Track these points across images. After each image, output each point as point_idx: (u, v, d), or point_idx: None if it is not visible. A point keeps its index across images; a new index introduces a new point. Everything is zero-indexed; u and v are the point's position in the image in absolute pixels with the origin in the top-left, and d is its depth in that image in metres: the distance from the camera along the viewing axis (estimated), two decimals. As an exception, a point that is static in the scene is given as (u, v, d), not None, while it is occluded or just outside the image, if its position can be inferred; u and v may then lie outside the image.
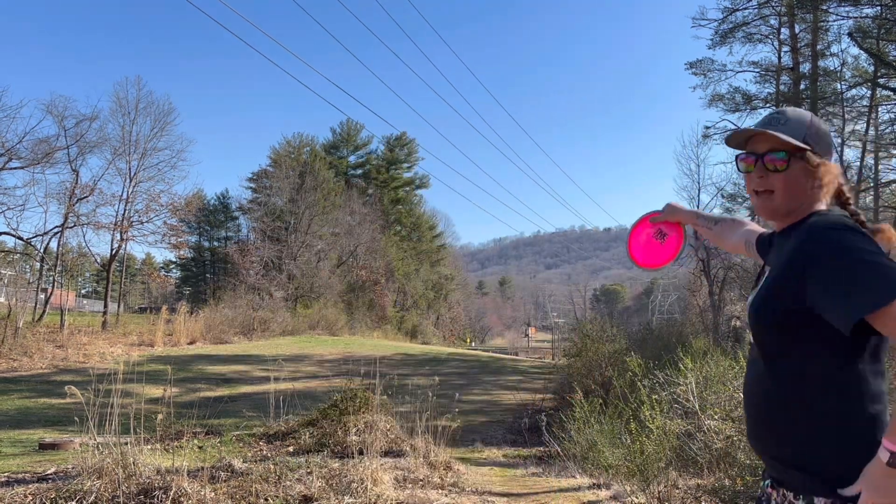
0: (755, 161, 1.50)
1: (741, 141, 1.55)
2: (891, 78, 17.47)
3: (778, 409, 1.40)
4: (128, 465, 4.36)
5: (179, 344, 19.64)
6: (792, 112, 1.52)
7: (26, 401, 10.42)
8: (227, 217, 53.59)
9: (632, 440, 5.61)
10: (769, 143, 1.48)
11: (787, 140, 1.45)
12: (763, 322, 1.43)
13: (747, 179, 1.54)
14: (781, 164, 1.46)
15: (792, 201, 1.48)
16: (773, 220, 1.55)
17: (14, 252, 25.08)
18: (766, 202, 1.50)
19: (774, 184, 1.47)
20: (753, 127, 1.52)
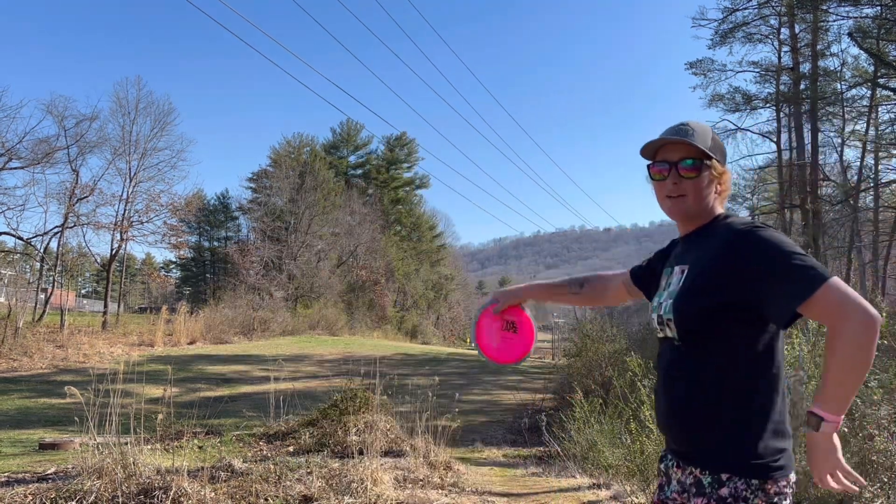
0: (669, 169, 1.61)
1: (652, 151, 1.67)
2: (891, 78, 17.47)
3: (701, 392, 1.51)
4: (128, 465, 4.36)
5: (179, 344, 19.64)
6: (696, 125, 1.64)
7: (26, 401, 10.41)
8: (227, 217, 53.61)
9: (632, 440, 5.61)
10: (682, 152, 1.60)
11: (700, 148, 1.58)
12: (689, 314, 1.53)
13: (659, 187, 1.66)
14: (694, 171, 1.60)
15: (701, 204, 1.62)
16: (683, 222, 1.68)
17: (14, 252, 25.08)
18: (679, 206, 1.63)
19: (687, 189, 1.61)
20: (664, 137, 1.63)
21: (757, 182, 23.50)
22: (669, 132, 1.63)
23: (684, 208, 1.62)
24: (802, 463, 4.18)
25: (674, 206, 1.64)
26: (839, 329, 1.33)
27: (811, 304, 1.36)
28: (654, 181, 1.67)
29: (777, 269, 1.40)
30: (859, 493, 4.08)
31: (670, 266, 1.71)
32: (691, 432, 1.53)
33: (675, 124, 1.66)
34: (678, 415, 1.56)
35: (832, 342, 1.35)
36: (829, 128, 20.27)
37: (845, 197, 17.83)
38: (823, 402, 1.38)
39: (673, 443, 1.61)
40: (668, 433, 1.62)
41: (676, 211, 1.64)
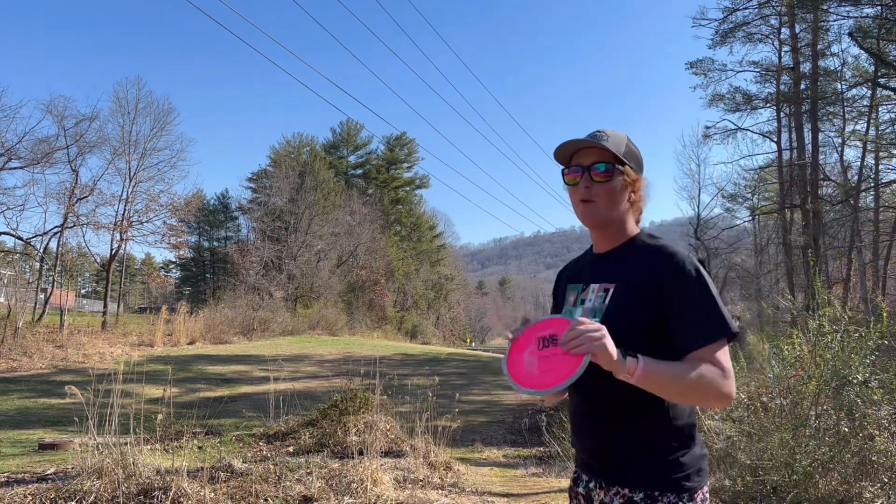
0: (581, 173, 1.60)
1: (567, 156, 1.64)
2: (891, 78, 17.45)
3: (632, 412, 1.50)
4: (127, 465, 4.36)
5: (179, 344, 19.63)
6: (612, 132, 1.63)
7: (26, 401, 10.41)
8: (227, 217, 53.62)
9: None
10: (595, 156, 1.59)
11: (613, 152, 1.57)
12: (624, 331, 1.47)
13: (573, 192, 1.63)
14: (606, 175, 1.58)
15: (612, 210, 1.60)
16: (596, 229, 1.65)
17: (14, 252, 25.07)
18: (590, 210, 1.60)
19: (599, 193, 1.59)
20: (578, 143, 1.61)
21: (757, 182, 23.50)
22: (586, 137, 1.62)
23: (596, 214, 1.60)
24: (803, 463, 4.17)
25: (586, 210, 1.61)
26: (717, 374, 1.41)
27: (709, 349, 1.44)
28: (568, 186, 1.65)
29: (700, 305, 1.46)
30: (860, 493, 4.07)
31: (581, 283, 1.66)
32: (622, 453, 1.51)
33: (593, 131, 1.65)
34: (608, 436, 1.53)
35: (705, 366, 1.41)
36: (830, 128, 20.28)
37: (846, 197, 17.82)
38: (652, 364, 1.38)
39: (597, 464, 1.56)
40: (594, 455, 1.57)
41: (589, 216, 1.61)
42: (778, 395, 4.91)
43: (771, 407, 4.89)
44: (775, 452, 4.28)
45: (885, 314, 4.68)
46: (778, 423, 4.59)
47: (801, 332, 4.91)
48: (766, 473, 4.24)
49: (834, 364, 4.42)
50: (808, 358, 4.66)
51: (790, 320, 6.38)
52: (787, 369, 4.86)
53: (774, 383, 4.99)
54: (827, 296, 5.16)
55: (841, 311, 4.80)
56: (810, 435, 4.26)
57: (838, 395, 4.29)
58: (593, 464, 1.57)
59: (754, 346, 5.71)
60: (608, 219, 1.61)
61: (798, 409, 4.69)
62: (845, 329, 4.60)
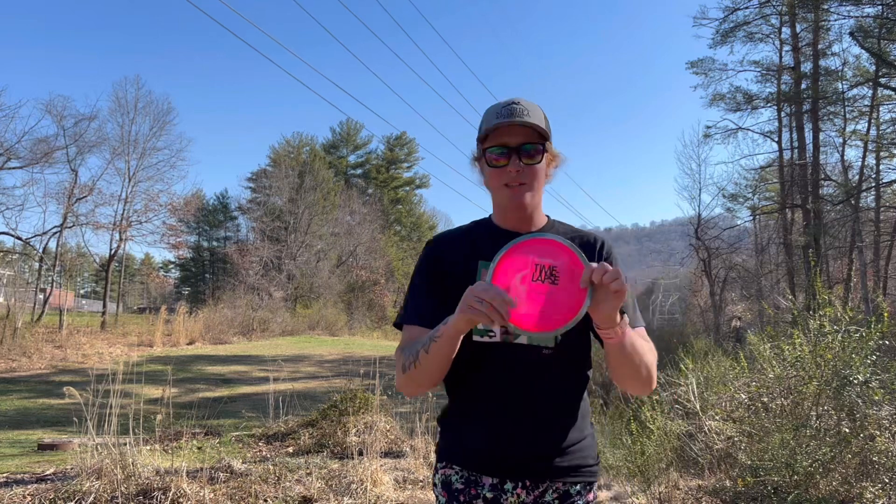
0: (509, 155, 1.45)
1: (484, 134, 1.48)
2: (892, 77, 17.45)
3: (568, 404, 1.49)
4: (127, 465, 4.35)
5: (178, 344, 19.62)
6: (528, 103, 1.49)
7: (25, 401, 10.40)
8: (227, 217, 53.57)
9: (632, 441, 5.59)
10: (522, 135, 1.45)
11: (539, 130, 1.45)
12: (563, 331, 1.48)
13: (497, 175, 1.48)
14: (536, 156, 1.47)
15: (539, 193, 1.52)
16: (519, 213, 1.52)
17: (13, 252, 25.07)
18: (520, 195, 1.48)
19: (528, 176, 1.47)
20: (499, 119, 1.45)
21: (758, 182, 23.49)
22: (503, 113, 1.45)
23: (525, 199, 1.48)
24: (804, 464, 4.17)
25: (514, 195, 1.48)
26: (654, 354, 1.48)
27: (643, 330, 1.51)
28: (490, 168, 1.48)
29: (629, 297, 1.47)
30: (861, 494, 4.06)
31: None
32: (560, 447, 1.44)
33: (506, 102, 1.49)
34: (546, 430, 1.44)
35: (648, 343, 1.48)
36: (831, 127, 20.27)
37: (846, 197, 17.80)
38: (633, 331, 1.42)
39: (527, 461, 1.43)
40: (524, 451, 1.43)
41: (517, 201, 1.48)
42: (779, 395, 4.90)
43: (772, 407, 4.88)
44: (776, 453, 4.27)
45: (886, 314, 4.67)
46: (779, 424, 4.57)
47: (801, 333, 4.89)
48: (766, 474, 4.23)
49: (835, 364, 4.40)
50: (808, 358, 4.64)
51: (791, 320, 6.37)
52: (788, 369, 4.85)
53: (775, 383, 4.98)
54: (828, 296, 5.15)
55: (842, 311, 4.79)
56: (811, 435, 4.25)
57: (839, 396, 4.28)
58: (521, 461, 1.43)
59: (755, 346, 5.69)
60: (534, 202, 1.51)
61: (799, 409, 4.68)
62: (846, 329, 4.59)
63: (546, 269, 1.27)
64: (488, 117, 1.49)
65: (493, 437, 1.44)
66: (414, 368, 1.40)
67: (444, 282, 1.51)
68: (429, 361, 1.37)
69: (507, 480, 1.43)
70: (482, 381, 1.46)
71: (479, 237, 1.55)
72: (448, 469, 1.49)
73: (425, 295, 1.52)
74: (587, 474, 1.48)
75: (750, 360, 5.90)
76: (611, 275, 1.24)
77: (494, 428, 1.44)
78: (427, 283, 1.54)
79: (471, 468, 1.45)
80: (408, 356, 1.42)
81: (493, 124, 1.45)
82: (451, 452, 1.49)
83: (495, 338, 1.44)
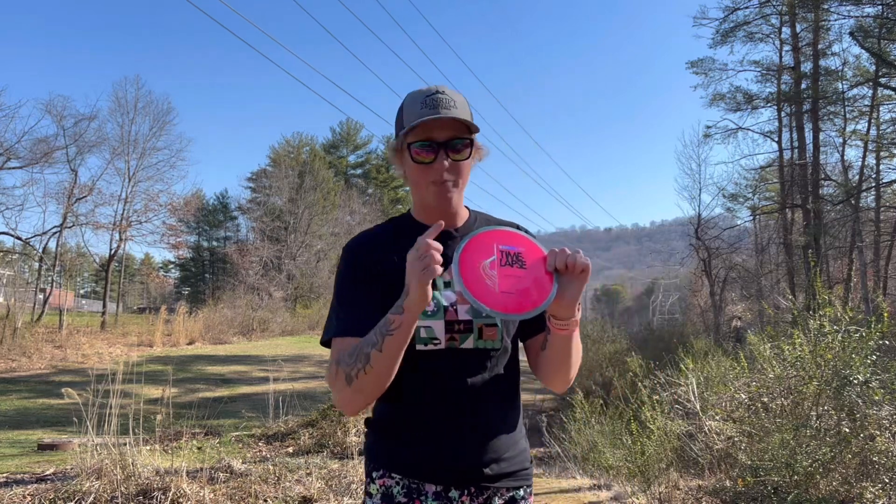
0: (437, 151, 1.38)
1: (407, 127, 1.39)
2: (892, 77, 17.45)
3: (510, 408, 1.45)
4: (126, 465, 4.34)
5: (178, 344, 19.62)
6: (452, 92, 1.42)
7: (25, 401, 10.39)
8: (227, 217, 53.55)
9: (633, 441, 5.59)
10: (450, 129, 1.38)
11: (466, 123, 1.38)
12: (513, 322, 1.46)
13: (423, 172, 1.40)
14: (466, 151, 1.41)
15: (464, 188, 1.46)
16: (447, 212, 1.45)
17: (13, 252, 25.06)
18: (447, 193, 1.41)
19: (456, 172, 1.41)
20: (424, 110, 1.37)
21: (758, 182, 23.48)
22: (429, 104, 1.37)
23: (453, 195, 1.42)
24: (804, 464, 4.16)
25: (441, 192, 1.40)
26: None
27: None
28: (415, 164, 1.40)
29: None
30: (861, 494, 4.06)
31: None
32: (504, 452, 1.40)
33: (429, 91, 1.40)
34: (492, 436, 1.40)
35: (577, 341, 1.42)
36: (831, 127, 20.25)
37: (846, 197, 17.80)
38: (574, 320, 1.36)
39: (473, 468, 1.37)
40: (471, 457, 1.37)
41: (444, 199, 1.41)
42: (779, 395, 4.90)
43: (772, 407, 4.88)
44: (776, 453, 4.26)
45: (886, 314, 4.67)
46: (779, 424, 4.57)
47: (801, 333, 4.89)
48: (766, 474, 4.23)
49: (835, 364, 4.40)
50: (808, 358, 4.64)
51: (791, 320, 6.37)
52: (788, 369, 4.85)
53: (775, 383, 4.98)
54: (828, 296, 5.15)
55: (842, 311, 4.79)
56: (811, 435, 4.24)
57: (839, 396, 4.28)
58: (465, 469, 1.37)
59: (755, 346, 5.69)
60: (460, 200, 1.46)
61: (799, 409, 4.68)
62: (846, 329, 4.59)
63: (512, 255, 1.27)
64: (411, 107, 1.40)
65: (441, 445, 1.37)
66: (364, 374, 1.28)
67: (378, 284, 1.39)
68: (383, 361, 1.27)
69: (451, 488, 1.37)
70: (427, 387, 1.38)
71: (402, 234, 1.44)
72: (387, 478, 1.39)
73: (357, 303, 1.40)
74: (527, 477, 1.46)
75: (750, 360, 5.90)
76: (573, 255, 1.25)
77: (441, 435, 1.37)
78: (357, 291, 1.42)
79: (413, 476, 1.37)
80: (352, 363, 1.29)
81: (418, 119, 1.36)
82: (392, 460, 1.39)
83: (440, 345, 1.37)
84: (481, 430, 1.38)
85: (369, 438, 1.47)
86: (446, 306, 1.38)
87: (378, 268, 1.42)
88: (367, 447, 1.47)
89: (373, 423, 1.47)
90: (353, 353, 1.31)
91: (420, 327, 1.36)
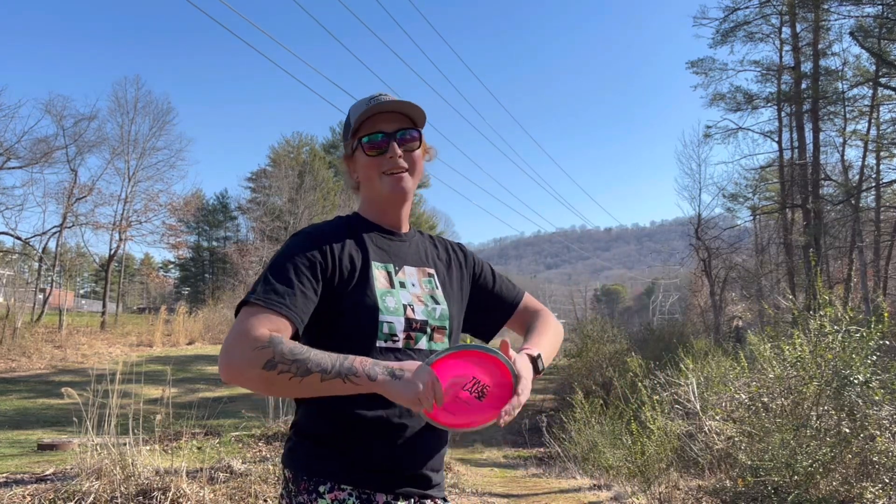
0: (388, 142, 1.41)
1: (356, 126, 1.43)
2: (892, 77, 17.45)
3: None
4: (126, 465, 4.34)
5: (178, 344, 19.62)
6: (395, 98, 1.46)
7: (25, 401, 10.39)
8: (226, 217, 53.54)
9: (633, 441, 5.59)
10: (398, 121, 1.43)
11: (412, 117, 1.43)
12: (459, 324, 1.50)
13: (374, 164, 1.41)
14: (416, 143, 1.45)
15: (416, 183, 1.47)
16: (399, 204, 1.46)
17: (12, 252, 25.06)
18: (401, 183, 1.42)
19: (410, 161, 1.43)
20: (371, 105, 1.40)
21: (758, 182, 23.48)
22: (371, 103, 1.41)
23: (407, 187, 1.43)
24: (804, 464, 4.16)
25: (395, 183, 1.41)
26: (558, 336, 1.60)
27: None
28: (367, 158, 1.42)
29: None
30: (861, 494, 4.06)
31: (390, 262, 1.43)
32: (441, 461, 1.42)
33: (372, 95, 1.45)
34: (440, 442, 1.40)
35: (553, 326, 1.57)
36: (831, 127, 20.25)
37: (847, 197, 17.80)
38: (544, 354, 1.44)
39: (422, 475, 1.37)
40: (422, 465, 1.36)
41: (398, 189, 1.42)
42: (779, 395, 4.90)
43: (772, 407, 4.87)
44: (776, 453, 4.26)
45: (886, 314, 4.66)
46: (779, 424, 4.57)
47: (802, 333, 4.89)
48: (766, 474, 4.23)
49: (835, 364, 4.40)
50: (809, 358, 4.64)
51: (791, 320, 6.36)
52: (788, 370, 4.84)
53: (775, 384, 4.97)
54: (828, 296, 5.14)
55: (842, 311, 4.78)
56: (811, 435, 4.24)
57: (839, 396, 4.28)
58: (414, 476, 1.35)
59: (755, 346, 5.69)
60: (412, 193, 1.46)
61: (799, 409, 4.67)
62: (846, 329, 4.58)
63: (480, 387, 1.25)
64: (357, 110, 1.44)
65: (398, 452, 1.33)
66: (287, 379, 1.17)
67: (331, 279, 1.32)
68: (313, 388, 1.18)
69: (399, 497, 1.32)
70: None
71: (357, 237, 1.42)
72: (338, 491, 1.28)
73: (303, 285, 1.29)
74: (443, 486, 1.47)
75: (750, 360, 5.90)
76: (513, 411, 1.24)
77: (397, 439, 1.32)
78: (308, 272, 1.30)
79: (365, 486, 1.30)
80: (290, 361, 1.18)
81: (365, 112, 1.40)
82: (343, 472, 1.30)
83: (398, 343, 1.33)
84: (430, 437, 1.36)
85: (305, 449, 1.34)
86: (405, 304, 1.37)
87: (340, 264, 1.34)
88: (300, 457, 1.34)
89: (309, 433, 1.35)
90: (298, 353, 1.18)
91: (383, 322, 1.32)
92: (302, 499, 1.30)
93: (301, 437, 1.36)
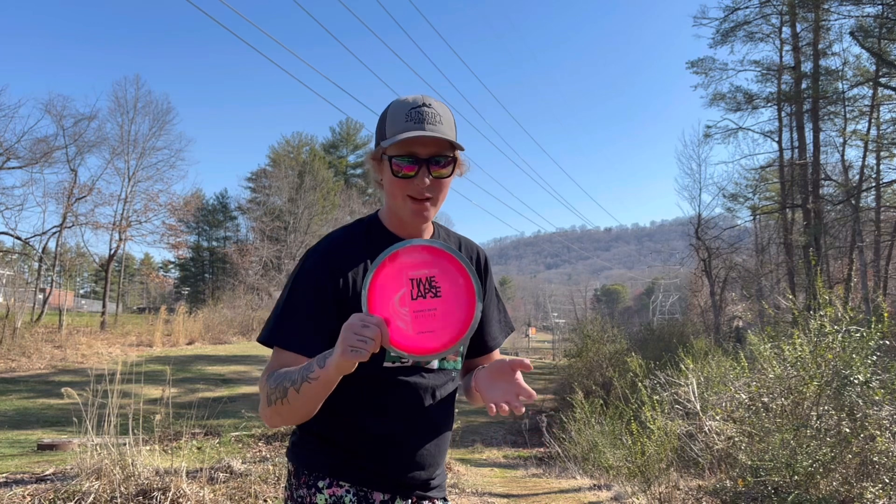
0: (419, 166, 1.32)
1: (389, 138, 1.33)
2: (892, 77, 17.44)
3: (452, 421, 1.51)
4: (126, 465, 4.34)
5: (178, 344, 19.61)
6: (439, 106, 1.36)
7: (25, 401, 10.39)
8: (226, 217, 53.53)
9: (633, 441, 5.59)
10: (433, 146, 1.32)
11: (456, 144, 1.33)
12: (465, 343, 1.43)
13: (402, 186, 1.34)
14: (447, 168, 1.35)
15: (441, 205, 1.41)
16: (419, 227, 1.42)
17: (12, 252, 25.04)
18: (424, 210, 1.36)
19: (436, 189, 1.35)
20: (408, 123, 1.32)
21: (758, 182, 23.48)
22: (414, 118, 1.31)
23: (429, 215, 1.37)
24: (804, 464, 4.16)
25: (418, 210, 1.35)
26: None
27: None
28: (396, 178, 1.34)
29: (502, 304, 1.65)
30: (861, 494, 4.06)
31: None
32: (441, 464, 1.47)
33: (415, 104, 1.33)
34: (443, 448, 1.47)
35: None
36: (831, 127, 20.24)
37: (847, 197, 17.80)
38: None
39: (423, 479, 1.42)
40: (424, 469, 1.41)
41: (420, 216, 1.36)
42: (779, 395, 4.90)
43: (772, 407, 4.87)
44: (776, 453, 4.26)
45: (886, 314, 4.66)
46: (779, 424, 4.57)
47: (802, 333, 4.89)
48: (767, 474, 4.22)
49: (835, 364, 4.40)
50: (809, 358, 4.64)
51: (791, 320, 6.36)
52: (789, 369, 4.84)
53: (775, 383, 4.97)
54: (828, 296, 5.14)
55: (842, 311, 4.78)
56: (811, 435, 4.24)
57: (839, 396, 4.27)
58: (415, 479, 1.40)
59: (755, 346, 5.69)
60: (432, 218, 1.42)
61: (799, 409, 4.67)
62: (846, 329, 4.58)
63: (424, 282, 1.13)
64: (395, 117, 1.33)
65: (401, 457, 1.38)
66: (280, 404, 1.23)
67: (343, 300, 1.32)
68: (299, 402, 1.22)
69: (397, 497, 1.39)
70: (390, 402, 1.37)
71: (373, 250, 1.35)
72: (336, 487, 1.35)
73: (312, 317, 1.31)
74: (444, 487, 1.52)
75: (750, 360, 5.90)
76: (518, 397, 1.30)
77: (402, 448, 1.38)
78: (317, 302, 1.32)
79: (363, 485, 1.36)
80: (274, 388, 1.24)
81: (401, 132, 1.30)
82: (343, 469, 1.36)
83: (407, 363, 1.36)
84: (434, 444, 1.43)
85: (308, 445, 1.40)
86: None
87: (352, 286, 1.33)
88: (303, 453, 1.40)
89: (313, 430, 1.40)
90: (279, 377, 1.25)
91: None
92: (302, 492, 1.36)
93: (305, 432, 1.41)
